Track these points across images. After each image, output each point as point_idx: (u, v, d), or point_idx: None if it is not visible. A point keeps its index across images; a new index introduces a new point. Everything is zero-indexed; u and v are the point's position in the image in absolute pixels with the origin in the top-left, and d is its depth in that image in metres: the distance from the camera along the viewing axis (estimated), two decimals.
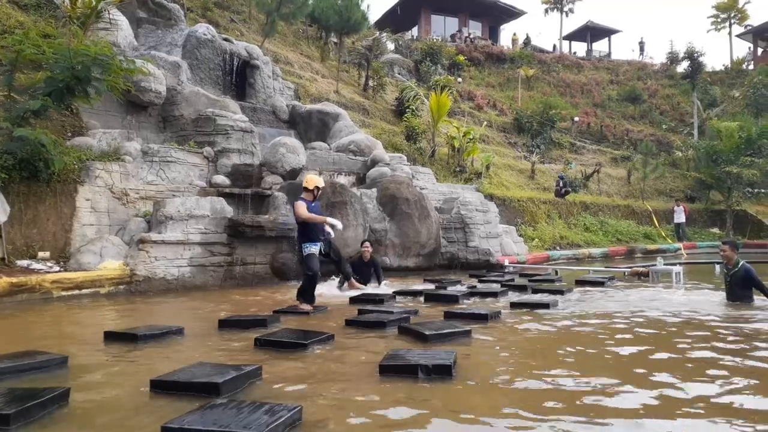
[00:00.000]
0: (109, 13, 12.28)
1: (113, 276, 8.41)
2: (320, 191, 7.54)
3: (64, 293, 7.79)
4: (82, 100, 9.73)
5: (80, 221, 9.12)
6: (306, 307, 6.83)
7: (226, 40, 15.00)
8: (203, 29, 14.38)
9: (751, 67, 41.29)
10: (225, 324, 5.76)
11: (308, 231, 7.12)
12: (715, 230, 23.54)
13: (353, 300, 7.53)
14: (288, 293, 8.64)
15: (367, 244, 9.53)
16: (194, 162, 11.23)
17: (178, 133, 12.13)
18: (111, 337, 5.11)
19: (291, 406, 3.01)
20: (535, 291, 8.59)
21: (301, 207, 7.05)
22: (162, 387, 3.55)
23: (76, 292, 7.94)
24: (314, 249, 7.11)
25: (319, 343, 4.81)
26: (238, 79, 15.01)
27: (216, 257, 9.44)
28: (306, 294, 6.98)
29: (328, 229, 7.29)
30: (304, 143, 13.42)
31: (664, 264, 10.90)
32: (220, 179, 11.14)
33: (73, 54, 9.04)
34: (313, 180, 7.37)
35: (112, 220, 9.51)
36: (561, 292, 8.30)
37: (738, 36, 44.52)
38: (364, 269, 9.31)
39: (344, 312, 6.68)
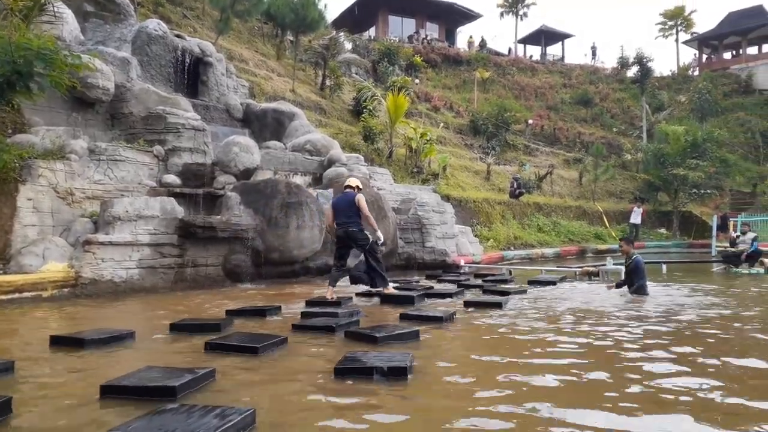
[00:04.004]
0: (53, 6, 11.77)
1: (57, 279, 8.05)
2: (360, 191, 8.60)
3: (3, 297, 7.40)
4: (24, 95, 9.27)
5: (21, 222, 8.71)
6: (391, 289, 7.95)
7: (178, 36, 14.61)
8: (154, 25, 13.98)
9: (696, 73, 43.01)
10: (177, 328, 5.58)
11: (362, 223, 8.02)
12: (663, 230, 24.37)
13: (309, 303, 7.41)
14: (242, 294, 8.49)
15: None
16: (144, 161, 10.90)
17: (127, 131, 11.74)
18: (57, 341, 4.88)
19: (243, 410, 2.94)
20: (488, 291, 8.69)
21: (365, 201, 8.08)
22: (113, 392, 3.42)
23: (17, 295, 7.57)
24: (380, 238, 8.17)
25: (273, 347, 4.71)
26: (191, 76, 14.63)
27: (166, 259, 9.18)
28: (382, 276, 8.03)
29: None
30: (258, 142, 13.19)
31: (614, 264, 11.19)
32: (171, 179, 10.84)
33: (14, 47, 8.59)
34: (356, 181, 8.54)
35: (56, 221, 9.14)
36: (513, 293, 8.41)
37: (684, 43, 46.33)
38: None
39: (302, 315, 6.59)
